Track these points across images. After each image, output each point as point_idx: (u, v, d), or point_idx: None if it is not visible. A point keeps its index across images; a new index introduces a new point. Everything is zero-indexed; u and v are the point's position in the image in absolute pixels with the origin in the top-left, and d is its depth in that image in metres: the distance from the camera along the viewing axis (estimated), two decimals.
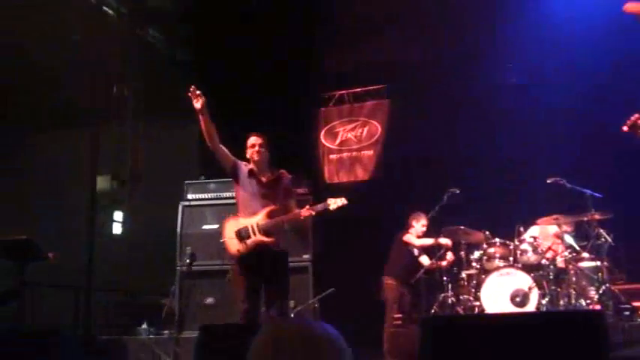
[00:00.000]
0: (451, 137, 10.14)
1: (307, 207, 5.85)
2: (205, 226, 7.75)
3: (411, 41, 10.44)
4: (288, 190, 6.03)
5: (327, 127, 11.56)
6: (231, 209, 6.43)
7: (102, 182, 9.36)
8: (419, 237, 8.18)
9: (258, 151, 5.91)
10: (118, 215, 10.51)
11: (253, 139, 5.98)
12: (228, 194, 7.53)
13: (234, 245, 5.89)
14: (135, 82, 10.31)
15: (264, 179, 5.94)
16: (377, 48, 10.72)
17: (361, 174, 11.13)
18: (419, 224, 8.18)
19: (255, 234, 5.80)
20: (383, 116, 11.18)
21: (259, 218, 5.83)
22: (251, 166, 5.97)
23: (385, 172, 10.99)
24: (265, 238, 5.80)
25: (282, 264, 5.94)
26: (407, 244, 8.25)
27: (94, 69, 8.83)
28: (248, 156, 5.93)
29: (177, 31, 10.68)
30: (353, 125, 11.30)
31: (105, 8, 9.69)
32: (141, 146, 10.37)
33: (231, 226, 5.95)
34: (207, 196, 7.96)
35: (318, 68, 11.21)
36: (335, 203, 5.85)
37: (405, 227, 8.31)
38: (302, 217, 5.78)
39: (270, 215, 5.81)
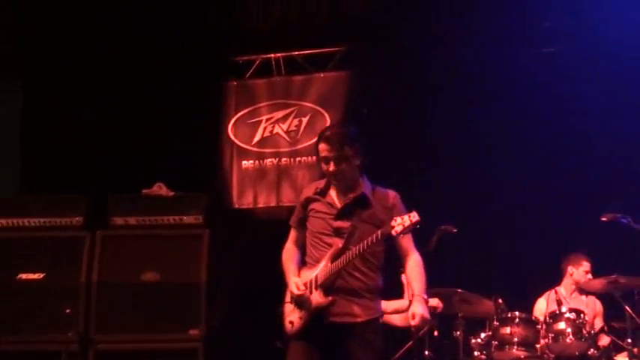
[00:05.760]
0: (446, 140, 8.35)
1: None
2: (23, 275, 6.81)
3: None
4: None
5: (240, 114, 9.29)
6: (70, 246, 6.58)
7: None
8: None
9: (335, 170, 4.85)
10: None
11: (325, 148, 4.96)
12: (66, 220, 6.83)
13: None
14: None
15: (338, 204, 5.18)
16: None
17: (292, 195, 8.99)
18: None
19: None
20: (338, 100, 9.02)
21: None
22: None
23: None
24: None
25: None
26: None
27: None
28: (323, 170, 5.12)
29: None
30: (285, 112, 9.25)
31: None
32: None
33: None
34: (26, 222, 6.97)
35: (229, 15, 9.04)
36: (403, 223, 4.60)
37: None
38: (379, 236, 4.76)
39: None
